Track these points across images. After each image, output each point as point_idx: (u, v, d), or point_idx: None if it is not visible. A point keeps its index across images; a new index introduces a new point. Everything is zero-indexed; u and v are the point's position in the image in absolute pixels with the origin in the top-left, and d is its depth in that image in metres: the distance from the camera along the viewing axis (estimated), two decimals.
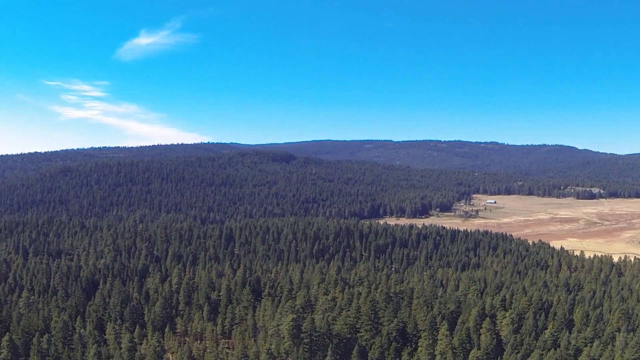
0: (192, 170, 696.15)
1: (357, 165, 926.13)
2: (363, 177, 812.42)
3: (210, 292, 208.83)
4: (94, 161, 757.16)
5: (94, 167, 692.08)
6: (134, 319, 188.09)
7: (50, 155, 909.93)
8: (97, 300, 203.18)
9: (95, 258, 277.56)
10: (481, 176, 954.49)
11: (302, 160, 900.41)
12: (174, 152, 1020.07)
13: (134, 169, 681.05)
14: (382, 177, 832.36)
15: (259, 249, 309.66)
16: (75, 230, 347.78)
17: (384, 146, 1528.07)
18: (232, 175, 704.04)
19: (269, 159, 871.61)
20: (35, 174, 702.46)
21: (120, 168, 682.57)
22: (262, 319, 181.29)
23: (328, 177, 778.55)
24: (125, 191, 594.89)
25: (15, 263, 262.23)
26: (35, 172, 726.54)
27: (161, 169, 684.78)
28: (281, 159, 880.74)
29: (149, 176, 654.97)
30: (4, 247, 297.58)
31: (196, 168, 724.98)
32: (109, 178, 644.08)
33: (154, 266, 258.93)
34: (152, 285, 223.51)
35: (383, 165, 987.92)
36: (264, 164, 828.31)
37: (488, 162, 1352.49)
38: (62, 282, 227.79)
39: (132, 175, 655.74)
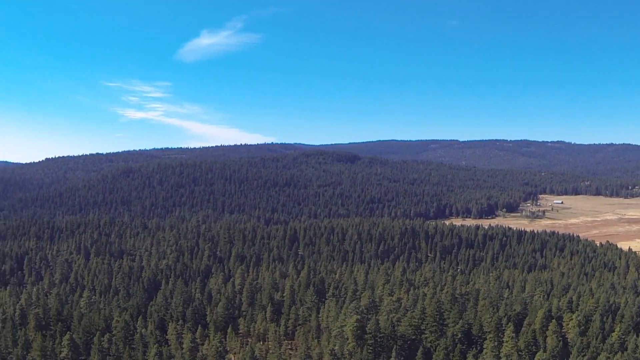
0: (255, 171, 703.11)
1: (423, 165, 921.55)
2: (429, 177, 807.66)
3: (273, 292, 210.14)
4: (156, 162, 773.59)
5: (157, 168, 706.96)
6: (196, 320, 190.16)
7: (112, 157, 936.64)
8: (159, 300, 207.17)
9: (157, 258, 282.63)
10: (548, 176, 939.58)
11: (367, 160, 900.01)
12: (237, 152, 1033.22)
13: (196, 169, 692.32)
14: (448, 177, 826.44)
15: (324, 249, 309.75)
16: (137, 230, 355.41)
17: (450, 146, 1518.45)
18: (297, 175, 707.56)
19: (334, 159, 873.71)
20: (97, 175, 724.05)
21: (183, 169, 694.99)
22: (326, 320, 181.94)
23: (393, 177, 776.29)
24: (188, 192, 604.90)
25: (76, 263, 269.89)
26: (97, 173, 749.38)
27: (224, 169, 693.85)
28: (346, 159, 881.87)
29: (212, 177, 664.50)
30: (66, 247, 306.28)
31: (260, 169, 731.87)
32: (172, 179, 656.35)
33: (216, 267, 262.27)
34: (214, 285, 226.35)
35: (449, 166, 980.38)
36: (329, 165, 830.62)
37: (554, 161, 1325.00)
38: (124, 282, 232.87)
39: (195, 176, 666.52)
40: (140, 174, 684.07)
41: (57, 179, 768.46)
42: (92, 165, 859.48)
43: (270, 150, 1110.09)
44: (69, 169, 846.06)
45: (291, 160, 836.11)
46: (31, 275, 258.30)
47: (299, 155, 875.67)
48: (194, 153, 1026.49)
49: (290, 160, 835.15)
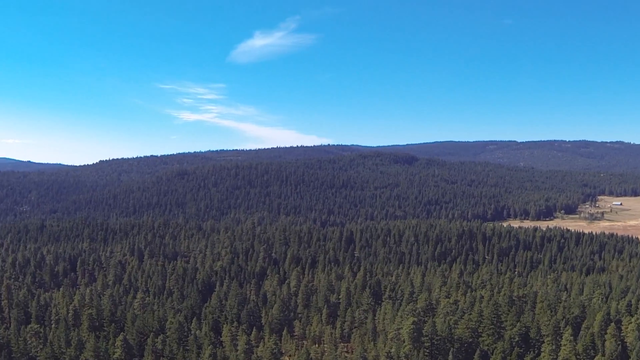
0: (312, 173, 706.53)
1: (481, 166, 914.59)
2: (487, 178, 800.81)
3: (329, 295, 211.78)
4: (211, 164, 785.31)
5: (212, 169, 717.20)
6: (251, 322, 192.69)
7: (167, 159, 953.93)
8: (214, 302, 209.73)
9: (212, 260, 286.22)
10: (607, 177, 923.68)
11: (425, 161, 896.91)
12: (293, 154, 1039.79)
13: (252, 171, 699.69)
14: (506, 178, 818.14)
15: (380, 251, 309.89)
16: (191, 232, 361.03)
17: (508, 147, 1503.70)
18: (353, 177, 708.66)
19: (391, 160, 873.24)
20: (151, 177, 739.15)
21: (239, 171, 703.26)
22: (382, 323, 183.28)
23: (451, 178, 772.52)
24: (244, 194, 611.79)
25: (130, 265, 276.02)
26: (152, 175, 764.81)
27: (280, 171, 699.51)
28: (403, 161, 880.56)
29: (267, 179, 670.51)
30: (120, 249, 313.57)
31: (316, 170, 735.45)
32: (227, 181, 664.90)
33: (272, 269, 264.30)
34: (270, 287, 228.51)
35: (507, 167, 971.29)
36: (386, 166, 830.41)
37: (614, 162, 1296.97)
38: (178, 284, 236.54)
39: (251, 178, 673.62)
40: (195, 175, 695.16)
41: (111, 181, 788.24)
42: (147, 168, 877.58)
43: (327, 151, 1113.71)
44: (123, 171, 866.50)
45: (348, 161, 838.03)
46: (84, 277, 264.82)
47: (355, 157, 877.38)
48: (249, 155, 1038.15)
49: (347, 161, 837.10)
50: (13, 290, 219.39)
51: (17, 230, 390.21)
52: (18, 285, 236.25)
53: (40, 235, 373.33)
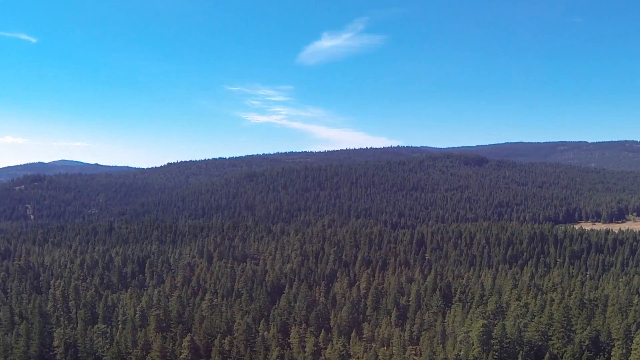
0: (382, 175, 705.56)
1: (551, 168, 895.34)
2: (557, 180, 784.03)
3: (399, 297, 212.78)
4: (280, 166, 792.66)
5: (281, 171, 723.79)
6: (319, 324, 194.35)
7: (235, 161, 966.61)
8: (282, 304, 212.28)
9: (281, 262, 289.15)
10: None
11: (495, 163, 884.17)
12: (362, 156, 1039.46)
13: (321, 173, 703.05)
14: (577, 180, 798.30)
15: (451, 254, 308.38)
16: (261, 234, 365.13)
17: (578, 147, 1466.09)
18: (424, 179, 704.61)
19: (461, 162, 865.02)
20: (220, 179, 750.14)
21: (308, 173, 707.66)
22: (452, 325, 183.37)
23: (522, 180, 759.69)
24: (313, 196, 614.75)
25: (199, 267, 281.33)
26: (220, 177, 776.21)
27: (350, 173, 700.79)
28: (473, 162, 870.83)
29: (337, 181, 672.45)
30: (188, 251, 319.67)
31: (386, 172, 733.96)
32: (296, 183, 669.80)
33: (341, 271, 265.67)
34: (339, 289, 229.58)
35: (577, 168, 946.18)
36: (456, 168, 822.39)
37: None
38: (247, 286, 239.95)
39: (320, 180, 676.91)
40: (264, 177, 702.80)
41: (180, 183, 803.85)
42: (215, 170, 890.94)
43: (397, 153, 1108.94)
44: (191, 173, 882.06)
45: (418, 163, 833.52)
46: (152, 278, 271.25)
47: (425, 159, 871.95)
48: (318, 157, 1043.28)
49: (416, 163, 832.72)
50: (81, 291, 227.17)
51: (86, 233, 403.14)
52: (86, 286, 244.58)
53: (108, 237, 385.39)
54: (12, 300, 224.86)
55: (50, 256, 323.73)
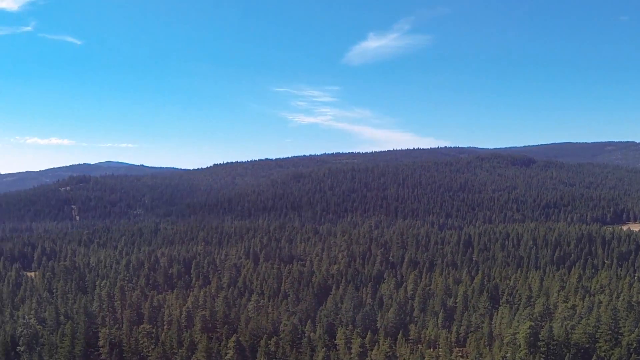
0: (429, 176, 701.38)
1: (599, 168, 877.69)
2: (605, 180, 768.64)
3: (446, 298, 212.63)
4: (327, 167, 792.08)
5: (328, 172, 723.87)
6: (366, 325, 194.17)
7: (282, 162, 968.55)
8: (329, 305, 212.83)
9: (328, 264, 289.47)
10: None
11: (542, 163, 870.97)
12: (409, 157, 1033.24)
13: (368, 174, 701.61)
14: (625, 180, 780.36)
15: (498, 255, 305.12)
16: (308, 236, 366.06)
17: (627, 148, 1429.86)
18: (471, 180, 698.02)
19: (508, 162, 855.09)
20: (266, 180, 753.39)
21: (355, 174, 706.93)
22: (499, 327, 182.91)
23: (569, 181, 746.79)
24: (360, 197, 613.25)
25: (245, 267, 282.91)
26: (267, 178, 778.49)
27: (397, 174, 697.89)
28: (520, 163, 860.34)
29: (384, 182, 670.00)
30: (235, 252, 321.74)
31: (433, 173, 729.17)
32: (343, 184, 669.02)
33: (389, 272, 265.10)
34: (386, 291, 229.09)
35: (625, 168, 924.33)
36: (503, 168, 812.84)
37: None
38: (293, 287, 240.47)
39: (367, 181, 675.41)
40: (310, 179, 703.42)
41: (226, 184, 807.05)
42: (262, 171, 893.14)
43: (444, 154, 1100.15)
44: (237, 174, 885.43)
45: (465, 164, 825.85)
46: (198, 279, 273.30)
47: (472, 159, 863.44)
48: (365, 158, 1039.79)
49: (464, 164, 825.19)
50: (126, 291, 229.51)
51: (131, 233, 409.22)
52: (131, 286, 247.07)
53: (154, 238, 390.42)
54: (58, 300, 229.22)
55: (96, 257, 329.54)
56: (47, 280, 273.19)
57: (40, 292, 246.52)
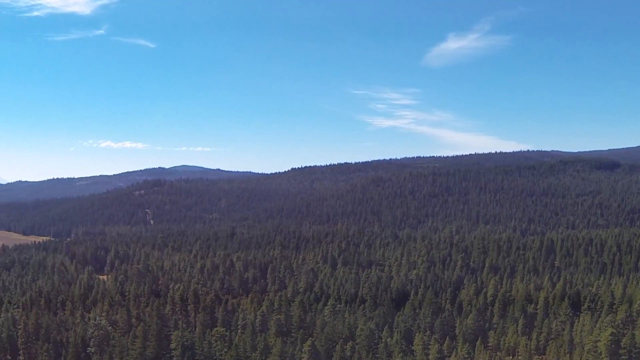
0: (511, 180, 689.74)
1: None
2: None
3: (526, 305, 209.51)
4: (407, 171, 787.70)
5: (408, 177, 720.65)
6: (444, 331, 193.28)
7: (361, 166, 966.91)
8: (407, 310, 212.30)
9: (407, 269, 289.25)
10: None
11: (627, 167, 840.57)
12: (491, 160, 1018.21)
13: (449, 178, 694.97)
14: None
15: (581, 261, 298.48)
16: (387, 241, 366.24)
17: None
18: (554, 184, 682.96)
19: (592, 167, 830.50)
20: (345, 184, 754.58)
21: (436, 178, 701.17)
22: (580, 335, 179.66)
23: None
24: (441, 202, 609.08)
25: (322, 272, 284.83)
26: (346, 182, 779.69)
27: (478, 178, 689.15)
28: (605, 167, 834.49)
29: (466, 186, 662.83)
30: (312, 256, 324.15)
31: (515, 177, 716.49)
32: (424, 188, 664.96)
33: (469, 278, 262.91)
34: (465, 297, 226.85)
35: None
36: (587, 173, 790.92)
37: None
38: (371, 292, 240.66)
39: (448, 186, 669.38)
40: (390, 183, 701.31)
41: (304, 188, 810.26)
42: (341, 175, 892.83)
43: (526, 157, 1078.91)
44: (316, 178, 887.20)
45: (548, 168, 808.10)
46: (274, 284, 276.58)
47: (556, 163, 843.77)
48: (446, 161, 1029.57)
49: (547, 168, 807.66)
50: (200, 295, 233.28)
51: (207, 238, 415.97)
52: (206, 290, 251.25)
53: (230, 243, 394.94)
54: (130, 302, 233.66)
55: (170, 260, 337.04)
56: (119, 283, 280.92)
57: (113, 294, 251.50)
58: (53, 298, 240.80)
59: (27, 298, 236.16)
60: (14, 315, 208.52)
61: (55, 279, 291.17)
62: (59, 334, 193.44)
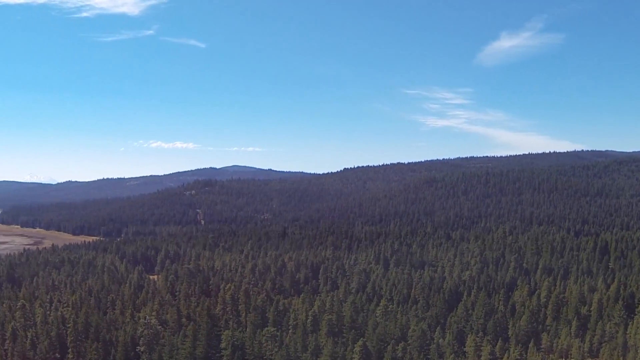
0: (565, 180, 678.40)
1: None
2: None
3: (580, 307, 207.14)
4: (460, 171, 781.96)
5: (461, 177, 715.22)
6: (497, 332, 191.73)
7: (414, 166, 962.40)
8: (460, 311, 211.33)
9: (460, 270, 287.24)
10: None
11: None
12: (545, 160, 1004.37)
13: (503, 179, 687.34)
14: None
15: (636, 263, 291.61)
16: (440, 241, 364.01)
17: None
18: (608, 185, 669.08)
19: None
20: (398, 184, 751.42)
21: (489, 178, 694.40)
22: (634, 337, 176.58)
23: None
24: (494, 202, 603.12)
25: (374, 273, 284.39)
26: (399, 183, 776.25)
27: (532, 178, 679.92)
28: None
29: (519, 186, 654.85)
30: (364, 257, 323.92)
31: (569, 177, 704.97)
32: (477, 189, 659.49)
33: (522, 279, 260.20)
34: (519, 298, 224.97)
35: None
36: None
37: None
38: (424, 293, 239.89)
39: (502, 186, 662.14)
40: (443, 183, 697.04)
41: (356, 189, 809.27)
42: (393, 175, 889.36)
43: (580, 157, 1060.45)
44: (368, 178, 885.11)
45: (602, 168, 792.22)
46: (326, 284, 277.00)
47: (610, 163, 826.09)
48: (500, 161, 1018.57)
49: (601, 168, 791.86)
50: (251, 295, 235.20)
51: (258, 238, 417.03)
52: (257, 290, 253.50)
53: (281, 243, 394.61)
54: (180, 302, 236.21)
55: (221, 260, 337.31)
56: (169, 282, 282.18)
57: (163, 294, 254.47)
58: (103, 297, 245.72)
59: (76, 297, 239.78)
60: (63, 314, 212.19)
61: (105, 278, 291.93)
62: (108, 332, 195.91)
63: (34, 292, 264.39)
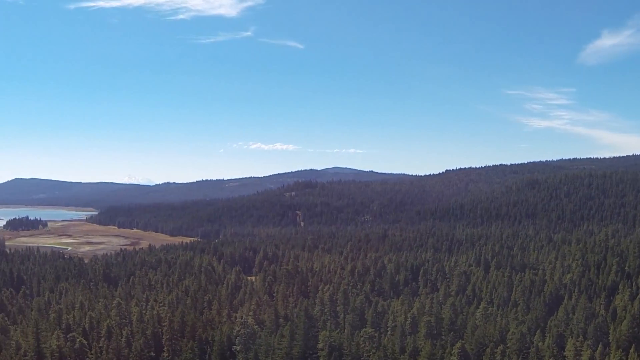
0: None
1: None
2: None
3: None
4: (563, 173, 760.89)
5: (564, 179, 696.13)
6: (598, 337, 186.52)
7: (516, 168, 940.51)
8: (560, 315, 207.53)
9: (561, 273, 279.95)
10: None
11: None
12: None
13: (606, 180, 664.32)
14: None
15: None
16: (541, 244, 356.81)
17: None
18: None
19: None
20: (500, 186, 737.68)
21: (592, 180, 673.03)
22: None
23: None
24: (597, 204, 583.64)
25: (475, 275, 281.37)
26: (501, 185, 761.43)
27: (636, 180, 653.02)
28: None
29: (622, 188, 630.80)
30: (465, 259, 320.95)
31: None
32: (580, 191, 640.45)
33: (624, 283, 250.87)
34: (620, 302, 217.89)
35: None
36: None
37: None
38: (524, 296, 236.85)
39: (605, 188, 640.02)
40: (546, 185, 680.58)
41: (458, 190, 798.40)
42: (496, 177, 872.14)
43: None
44: (470, 180, 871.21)
45: None
46: (426, 286, 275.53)
47: None
48: (603, 163, 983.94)
49: None
50: (350, 296, 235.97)
51: (358, 240, 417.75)
52: (356, 292, 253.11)
53: (381, 245, 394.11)
54: (278, 302, 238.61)
55: (320, 262, 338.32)
56: (267, 283, 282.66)
57: (260, 295, 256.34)
58: (199, 297, 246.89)
59: (173, 297, 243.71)
60: (159, 312, 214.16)
61: (202, 278, 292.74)
62: (204, 332, 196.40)
63: (130, 291, 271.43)
